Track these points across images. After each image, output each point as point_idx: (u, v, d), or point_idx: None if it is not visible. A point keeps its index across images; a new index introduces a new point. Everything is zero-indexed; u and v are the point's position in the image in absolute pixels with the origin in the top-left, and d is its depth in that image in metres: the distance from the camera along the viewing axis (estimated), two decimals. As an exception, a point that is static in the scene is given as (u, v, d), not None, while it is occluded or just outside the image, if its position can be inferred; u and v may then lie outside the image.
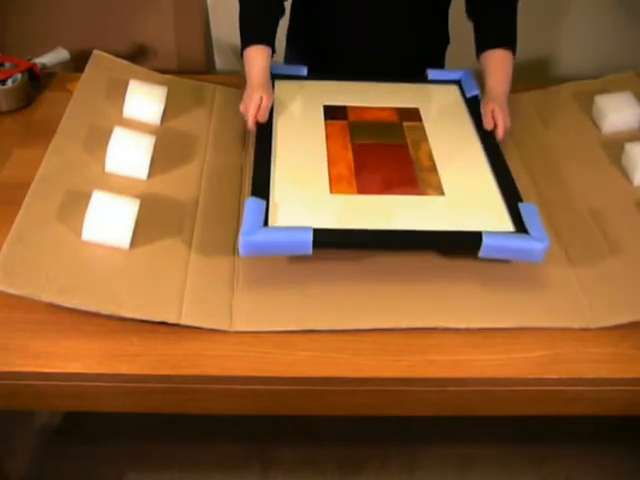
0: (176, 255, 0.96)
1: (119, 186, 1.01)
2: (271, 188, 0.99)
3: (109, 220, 0.93)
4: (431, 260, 0.99)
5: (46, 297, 0.84)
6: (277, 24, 1.17)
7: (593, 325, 0.91)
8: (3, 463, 1.32)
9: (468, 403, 0.92)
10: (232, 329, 0.88)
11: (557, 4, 1.71)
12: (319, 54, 1.32)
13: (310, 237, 0.89)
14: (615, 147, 1.18)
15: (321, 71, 1.28)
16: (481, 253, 0.92)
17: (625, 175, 1.14)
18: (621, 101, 1.25)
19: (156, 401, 0.90)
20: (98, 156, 1.06)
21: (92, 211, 0.92)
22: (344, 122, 1.16)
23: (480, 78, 1.23)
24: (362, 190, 1.02)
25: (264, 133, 1.11)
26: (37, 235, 0.92)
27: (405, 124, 1.17)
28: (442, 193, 1.02)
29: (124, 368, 0.84)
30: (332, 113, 1.19)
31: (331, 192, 1.01)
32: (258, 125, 1.11)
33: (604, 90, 1.30)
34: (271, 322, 0.89)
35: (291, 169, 1.04)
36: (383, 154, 1.10)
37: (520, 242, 0.93)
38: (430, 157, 1.09)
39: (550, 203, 1.10)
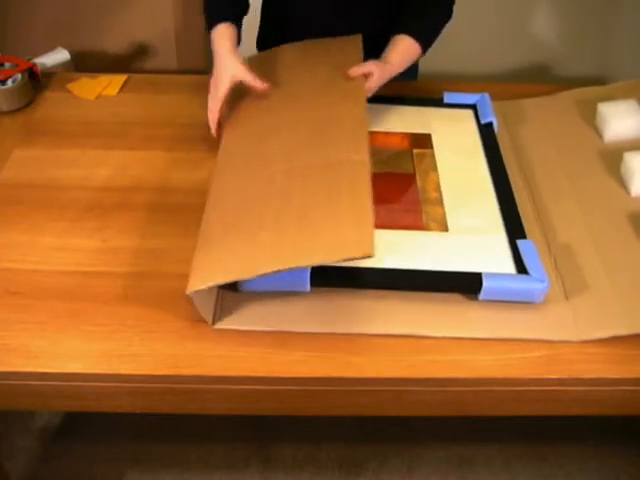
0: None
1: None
2: None
3: None
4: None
5: None
6: (244, 14, 1.16)
7: (575, 339, 0.90)
8: (3, 463, 1.32)
9: (468, 403, 0.92)
10: (233, 327, 0.89)
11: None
12: None
13: (307, 275, 0.90)
14: (616, 156, 1.16)
15: None
16: (481, 295, 0.92)
17: (623, 185, 1.13)
18: (624, 109, 1.23)
19: (156, 401, 0.90)
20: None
21: None
22: None
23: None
24: None
25: None
26: None
27: (415, 151, 1.16)
28: (446, 229, 1.02)
29: (124, 368, 0.84)
30: None
31: None
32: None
33: (609, 97, 1.28)
34: (272, 323, 0.89)
35: None
36: (390, 184, 1.09)
37: (520, 283, 0.92)
38: (437, 188, 1.09)
39: (544, 212, 1.08)
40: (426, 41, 1.18)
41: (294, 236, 0.84)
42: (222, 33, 1.09)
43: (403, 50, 1.16)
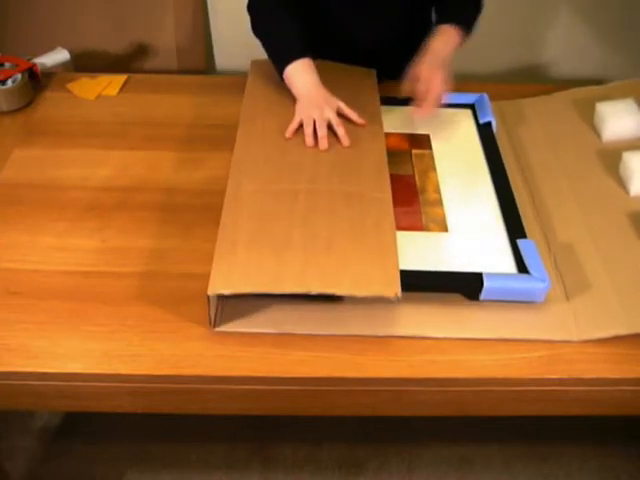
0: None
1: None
2: None
3: None
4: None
5: None
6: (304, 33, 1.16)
7: (576, 339, 0.90)
8: (3, 463, 1.32)
9: (468, 403, 0.92)
10: (235, 330, 0.89)
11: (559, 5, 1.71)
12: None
13: None
14: (614, 156, 1.16)
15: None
16: (482, 296, 0.92)
17: (622, 185, 1.12)
18: (622, 108, 1.22)
19: (156, 401, 0.90)
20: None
21: None
22: None
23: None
24: None
25: None
26: None
27: (414, 152, 1.16)
28: (445, 229, 1.02)
29: (124, 368, 0.84)
30: None
31: None
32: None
33: (607, 97, 1.27)
34: (272, 323, 0.89)
35: None
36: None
37: (521, 283, 0.92)
38: (436, 189, 1.09)
39: (543, 212, 1.08)
40: (465, 25, 1.20)
41: (323, 262, 0.87)
42: (307, 66, 1.13)
43: (441, 36, 1.18)
